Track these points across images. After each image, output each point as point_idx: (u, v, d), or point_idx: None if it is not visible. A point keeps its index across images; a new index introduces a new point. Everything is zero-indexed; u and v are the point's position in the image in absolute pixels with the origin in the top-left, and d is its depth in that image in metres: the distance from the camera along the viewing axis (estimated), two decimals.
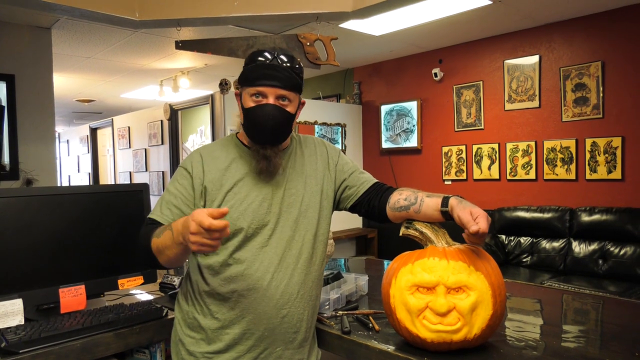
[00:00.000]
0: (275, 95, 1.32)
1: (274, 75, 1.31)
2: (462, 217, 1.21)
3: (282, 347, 1.35)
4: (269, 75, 1.31)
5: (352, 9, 2.83)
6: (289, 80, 1.33)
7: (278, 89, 1.32)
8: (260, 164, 1.35)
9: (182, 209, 1.33)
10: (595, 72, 4.20)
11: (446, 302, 1.18)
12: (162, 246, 1.22)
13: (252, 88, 1.32)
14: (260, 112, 1.32)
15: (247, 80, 1.33)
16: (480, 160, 5.01)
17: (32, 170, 3.93)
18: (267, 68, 1.31)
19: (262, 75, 1.31)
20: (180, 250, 1.18)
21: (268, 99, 1.32)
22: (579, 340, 1.36)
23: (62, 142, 10.04)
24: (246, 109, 1.34)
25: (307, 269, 1.38)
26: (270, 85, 1.31)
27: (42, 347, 1.32)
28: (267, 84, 1.31)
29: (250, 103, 1.33)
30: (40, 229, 1.60)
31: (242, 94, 1.37)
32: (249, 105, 1.33)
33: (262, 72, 1.31)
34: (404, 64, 5.70)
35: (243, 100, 1.36)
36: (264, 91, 1.32)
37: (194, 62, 5.62)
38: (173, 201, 1.34)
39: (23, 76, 3.97)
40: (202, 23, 3.00)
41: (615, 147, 4.11)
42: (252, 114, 1.33)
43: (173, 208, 1.33)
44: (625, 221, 3.87)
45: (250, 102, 1.33)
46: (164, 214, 1.33)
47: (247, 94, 1.34)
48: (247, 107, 1.34)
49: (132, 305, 1.65)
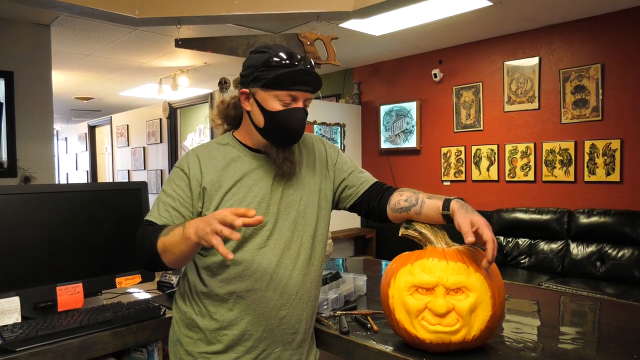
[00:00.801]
0: (304, 99, 1.33)
1: (308, 81, 1.31)
2: (462, 227, 1.21)
3: (280, 347, 1.35)
4: (303, 80, 1.30)
5: (353, 9, 2.83)
6: (318, 85, 1.34)
7: (309, 93, 1.33)
8: (285, 166, 1.35)
9: (180, 210, 1.32)
10: (594, 74, 4.20)
11: (445, 303, 1.18)
12: (169, 244, 1.19)
13: (285, 92, 1.30)
14: (294, 116, 1.31)
15: (280, 83, 1.29)
16: (479, 162, 5.01)
17: (30, 168, 3.93)
18: (302, 73, 1.30)
19: (300, 81, 1.30)
20: (187, 247, 1.15)
21: (298, 103, 1.32)
22: (577, 342, 1.36)
23: (61, 139, 10.02)
24: (273, 112, 1.31)
25: (306, 269, 1.38)
26: (305, 90, 1.31)
27: (39, 346, 1.32)
28: (302, 89, 1.31)
29: (277, 106, 1.31)
30: (38, 227, 1.60)
31: (262, 95, 1.32)
32: (277, 108, 1.31)
33: (299, 77, 1.30)
34: (404, 65, 5.70)
35: (264, 102, 1.31)
36: (296, 95, 1.31)
37: (194, 61, 5.61)
38: (171, 203, 1.32)
39: (22, 73, 3.96)
40: (202, 21, 2.99)
41: (614, 149, 4.11)
42: (282, 117, 1.31)
43: (171, 210, 1.32)
44: (624, 223, 3.87)
45: (277, 104, 1.30)
46: (162, 216, 1.31)
47: (273, 96, 1.30)
48: (273, 109, 1.31)
49: (129, 304, 1.64)
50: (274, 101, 1.31)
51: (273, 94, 1.30)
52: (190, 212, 1.33)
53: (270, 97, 1.31)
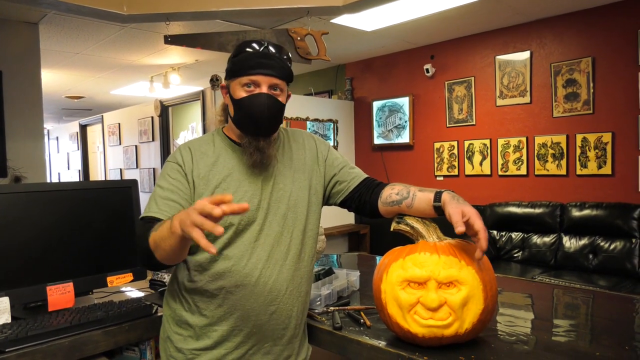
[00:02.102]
0: (268, 84, 1.30)
1: (268, 64, 1.29)
2: (452, 217, 1.19)
3: (270, 343, 1.34)
4: (262, 64, 1.29)
5: (343, 3, 2.82)
6: (282, 69, 1.32)
7: (272, 77, 1.30)
8: (254, 156, 1.32)
9: (181, 202, 1.28)
10: (585, 67, 4.22)
11: (437, 297, 1.18)
12: (158, 239, 1.13)
13: (245, 77, 1.29)
14: (255, 101, 1.29)
15: (239, 69, 1.30)
16: (471, 156, 5.02)
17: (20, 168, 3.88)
18: (260, 57, 1.29)
19: (256, 64, 1.29)
20: (175, 241, 1.08)
21: (261, 88, 1.30)
22: (570, 335, 1.36)
23: (52, 139, 9.95)
24: (238, 100, 1.31)
25: (296, 264, 1.37)
26: (264, 73, 1.29)
27: (29, 346, 1.30)
28: (261, 72, 1.29)
29: (242, 93, 1.31)
30: (28, 226, 1.58)
31: (231, 85, 1.34)
32: (241, 95, 1.30)
33: (255, 61, 1.29)
34: (396, 60, 5.70)
35: (232, 92, 1.33)
36: (257, 80, 1.29)
37: (185, 58, 5.58)
38: (170, 196, 1.29)
39: (10, 72, 3.91)
40: (191, 17, 2.97)
41: (606, 142, 4.13)
42: (245, 104, 1.30)
43: (171, 202, 1.28)
44: (615, 216, 3.89)
45: (241, 92, 1.31)
46: (162, 209, 1.26)
47: (237, 84, 1.31)
48: (238, 97, 1.31)
49: (121, 303, 1.63)
50: (239, 89, 1.31)
51: (237, 82, 1.31)
52: (188, 203, 1.30)
53: (236, 86, 1.31)
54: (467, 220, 1.19)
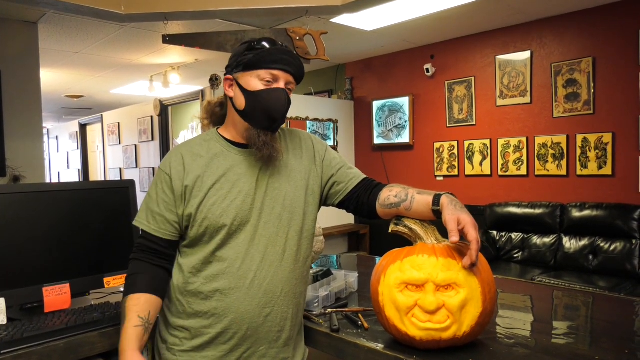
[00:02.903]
0: (286, 81, 1.32)
1: (289, 61, 1.31)
2: (448, 224, 1.20)
3: (266, 346, 1.33)
4: (284, 60, 1.30)
5: (342, 3, 2.81)
6: (300, 69, 1.34)
7: (290, 75, 1.32)
8: (265, 149, 1.31)
9: (165, 216, 1.32)
10: (586, 68, 4.20)
11: (435, 300, 1.17)
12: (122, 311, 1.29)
13: (266, 71, 1.29)
14: (274, 95, 1.30)
15: (259, 62, 1.29)
16: (471, 156, 5.01)
17: (19, 167, 3.88)
18: (282, 53, 1.30)
19: (279, 60, 1.29)
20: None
21: (279, 84, 1.31)
22: (569, 337, 1.35)
23: (52, 138, 9.94)
24: (253, 92, 1.30)
25: (292, 266, 1.36)
26: (285, 70, 1.30)
27: (24, 348, 1.30)
28: (282, 68, 1.30)
29: (259, 85, 1.30)
30: (24, 227, 1.57)
31: (243, 77, 1.32)
32: (258, 87, 1.30)
33: (278, 56, 1.29)
34: (396, 60, 5.68)
35: (245, 84, 1.31)
36: (277, 75, 1.30)
37: (184, 58, 5.57)
38: (156, 209, 1.33)
39: (9, 71, 3.90)
40: (189, 17, 2.96)
41: (606, 143, 4.12)
42: (263, 97, 1.30)
43: (157, 216, 1.33)
44: (616, 217, 3.88)
45: (259, 84, 1.30)
46: (150, 223, 1.34)
47: (254, 76, 1.30)
48: (254, 89, 1.30)
49: (118, 304, 1.62)
50: (255, 81, 1.31)
51: (255, 74, 1.31)
52: (175, 215, 1.33)
53: (251, 78, 1.31)
54: (462, 229, 1.19)
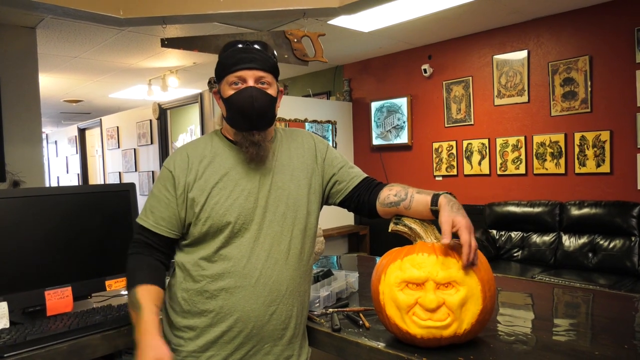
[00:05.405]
0: (254, 77, 1.32)
1: (250, 58, 1.32)
2: (442, 226, 1.22)
3: (270, 343, 1.34)
4: (244, 58, 1.31)
5: (340, 4, 2.81)
6: (265, 61, 1.34)
7: (256, 70, 1.32)
8: (250, 150, 1.33)
9: (164, 212, 1.33)
10: (583, 66, 4.22)
11: (435, 298, 1.18)
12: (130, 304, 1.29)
13: (231, 75, 1.32)
14: (242, 95, 1.31)
15: (224, 69, 1.33)
16: (470, 156, 5.02)
17: (18, 172, 3.88)
18: (241, 52, 1.32)
19: (239, 60, 1.31)
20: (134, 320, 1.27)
21: (248, 83, 1.32)
22: (570, 334, 1.36)
23: (51, 142, 9.94)
24: (227, 98, 1.33)
25: (296, 264, 1.37)
26: (248, 67, 1.31)
27: (27, 351, 1.30)
28: (244, 67, 1.31)
29: (229, 91, 1.33)
30: (26, 231, 1.58)
31: (221, 87, 1.36)
32: (229, 93, 1.33)
33: (237, 57, 1.31)
34: (394, 61, 5.70)
35: (222, 92, 1.35)
36: (242, 75, 1.31)
37: (183, 61, 5.58)
38: (157, 206, 1.35)
39: (8, 76, 3.91)
40: (187, 20, 2.96)
41: (604, 140, 4.13)
42: (233, 100, 1.32)
43: (156, 212, 1.34)
44: (614, 214, 3.89)
45: (229, 90, 1.33)
46: (148, 218, 1.35)
47: (225, 84, 1.34)
48: (227, 96, 1.33)
49: (120, 307, 1.63)
50: (227, 88, 1.34)
51: (225, 81, 1.34)
52: (174, 213, 1.33)
53: (224, 86, 1.34)
54: (456, 231, 1.20)
